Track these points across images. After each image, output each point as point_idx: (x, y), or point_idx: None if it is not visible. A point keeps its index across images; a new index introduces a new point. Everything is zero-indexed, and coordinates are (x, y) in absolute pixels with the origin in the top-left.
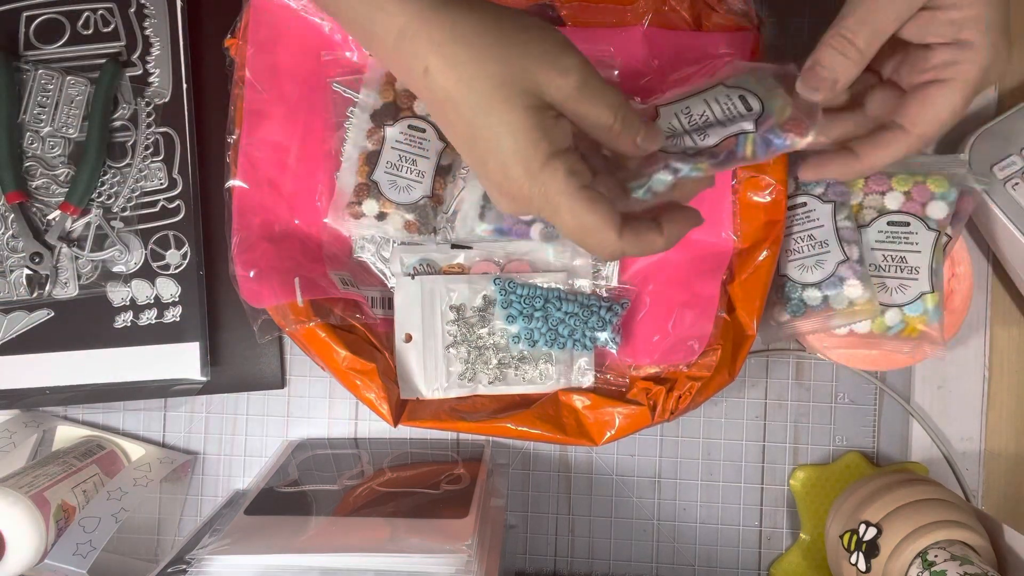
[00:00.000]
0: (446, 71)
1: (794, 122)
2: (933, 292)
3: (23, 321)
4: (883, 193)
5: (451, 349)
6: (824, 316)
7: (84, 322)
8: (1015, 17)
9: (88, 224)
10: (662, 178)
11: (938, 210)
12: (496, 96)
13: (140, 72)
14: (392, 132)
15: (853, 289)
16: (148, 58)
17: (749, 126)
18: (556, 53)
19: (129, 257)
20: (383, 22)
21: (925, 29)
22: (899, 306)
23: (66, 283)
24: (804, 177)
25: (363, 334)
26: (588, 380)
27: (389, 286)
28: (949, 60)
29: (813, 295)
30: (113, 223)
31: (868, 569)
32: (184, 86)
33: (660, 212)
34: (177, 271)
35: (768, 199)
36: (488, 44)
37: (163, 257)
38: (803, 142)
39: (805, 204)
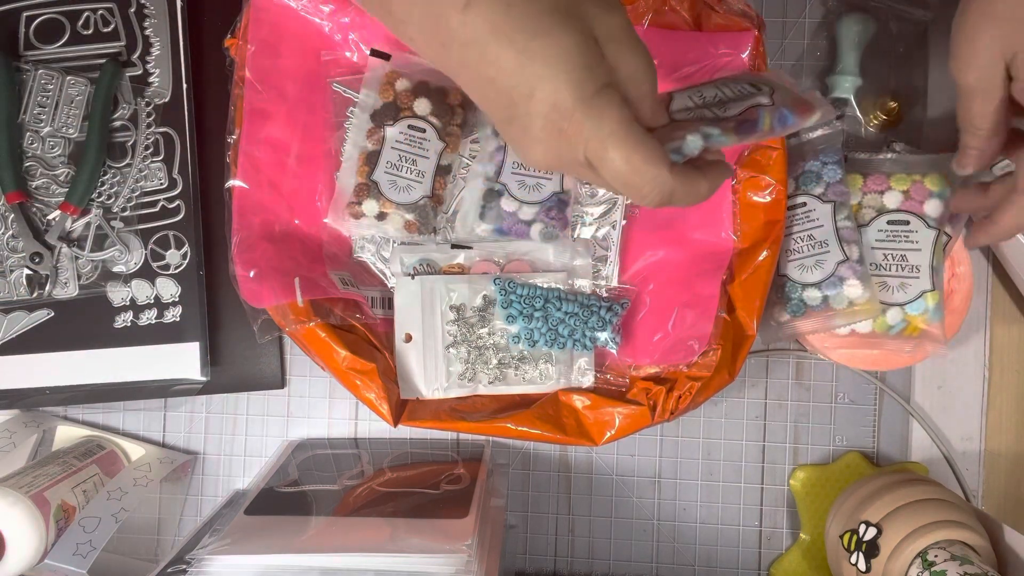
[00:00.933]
0: (492, 3)
1: (800, 104)
2: (934, 290)
3: (23, 321)
4: (882, 192)
5: (451, 349)
6: (824, 316)
7: (84, 322)
8: None
9: (88, 224)
10: (695, 141)
11: (936, 208)
12: (548, 20)
13: (140, 72)
14: (392, 132)
15: (853, 289)
16: (148, 58)
17: (766, 100)
18: None
19: (129, 257)
20: None
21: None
22: (900, 305)
23: (66, 283)
24: (968, 245)
25: (363, 334)
26: (588, 380)
27: (389, 286)
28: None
29: (813, 295)
30: (113, 223)
31: (868, 569)
32: (184, 86)
33: (696, 163)
34: (177, 271)
35: (768, 199)
36: None
37: (163, 257)
38: (811, 119)
39: (805, 204)
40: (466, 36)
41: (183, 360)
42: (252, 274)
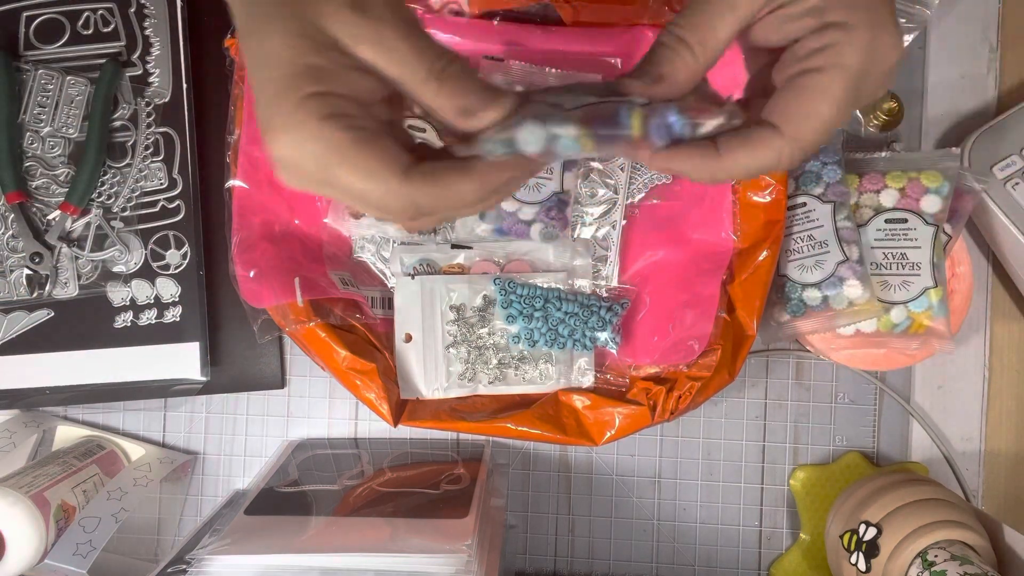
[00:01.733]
0: None
1: (697, 105)
2: (936, 287)
3: (23, 321)
4: (878, 191)
5: (451, 349)
6: (824, 316)
7: (84, 322)
8: (1013, 18)
9: (88, 224)
10: (529, 134)
11: (932, 204)
12: (271, 20)
13: (140, 72)
14: None
15: (853, 289)
16: (148, 58)
17: (641, 99)
18: None
19: (129, 257)
20: None
21: (782, 26)
22: (903, 303)
23: (66, 283)
24: (652, 167)
25: (363, 334)
26: (588, 380)
27: (389, 286)
28: (819, 46)
29: (813, 295)
30: (113, 223)
31: (868, 569)
32: (184, 86)
33: (463, 161)
34: (177, 271)
35: (768, 199)
36: None
37: (163, 257)
38: (710, 124)
39: (805, 204)
40: (236, 19)
41: (183, 360)
42: (252, 274)
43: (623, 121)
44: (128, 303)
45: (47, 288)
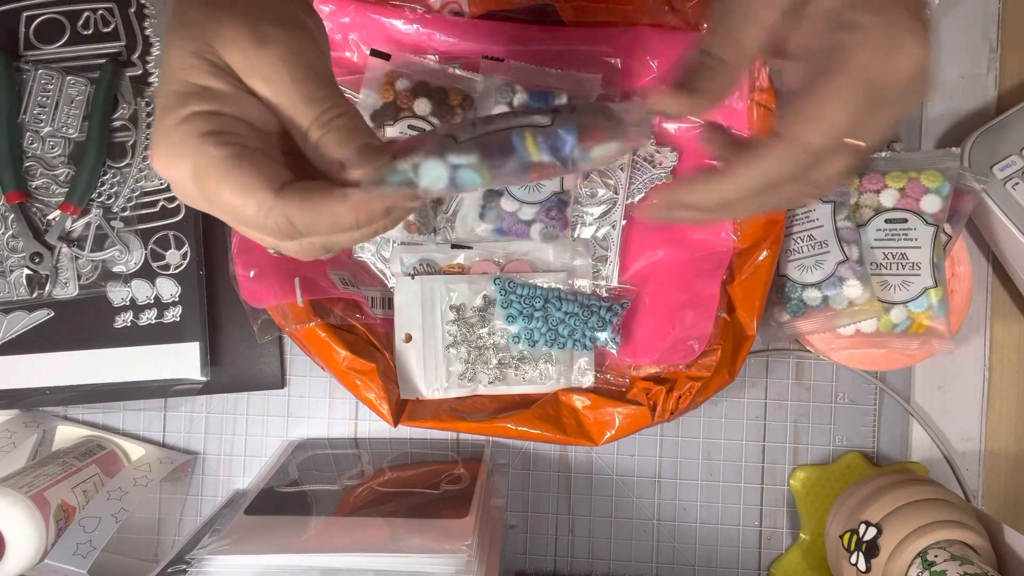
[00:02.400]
0: (170, 2)
1: (595, 130)
2: (936, 287)
3: (23, 321)
4: (878, 191)
5: (451, 349)
6: (824, 316)
7: (84, 322)
8: (1013, 18)
9: (88, 224)
10: (431, 168)
11: (932, 204)
12: (176, 36)
13: (140, 72)
14: (392, 132)
15: (853, 289)
16: (148, 58)
17: (544, 119)
18: (270, 19)
19: (129, 257)
20: None
21: (806, 31)
22: (903, 303)
23: (66, 283)
24: (644, 216)
25: (363, 334)
26: (588, 380)
27: (389, 286)
28: (834, 46)
29: (813, 295)
30: (113, 223)
31: (868, 569)
32: None
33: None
34: (177, 271)
35: None
36: None
37: (163, 257)
38: (598, 149)
39: (804, 204)
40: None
41: (183, 360)
42: (252, 274)
43: (517, 145)
44: (128, 303)
45: (47, 288)
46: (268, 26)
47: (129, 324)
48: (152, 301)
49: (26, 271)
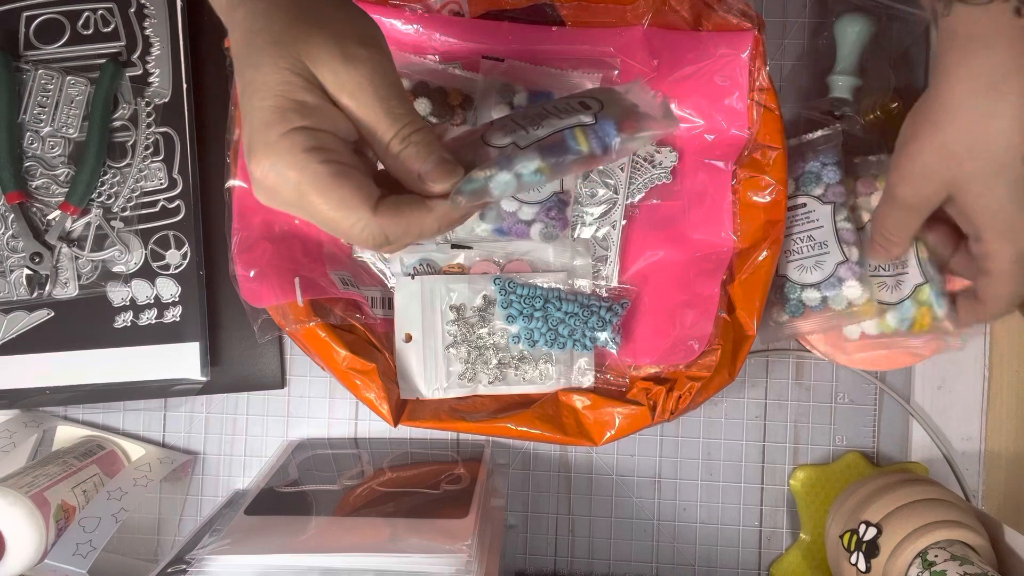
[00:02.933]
0: (244, 21)
1: (628, 120)
2: (926, 282)
3: (23, 321)
4: (870, 195)
5: (451, 349)
6: (823, 317)
7: (84, 322)
8: None
9: (88, 224)
10: (502, 178)
11: None
12: (266, 53)
13: (140, 72)
14: None
15: (852, 290)
16: (148, 58)
17: (588, 118)
18: (354, 40)
19: (129, 257)
20: None
21: (960, 221)
22: (898, 303)
23: (66, 283)
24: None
25: (363, 334)
26: (588, 380)
27: (389, 286)
28: (982, 253)
29: (812, 295)
30: (113, 223)
31: (868, 569)
32: (184, 86)
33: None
34: (177, 271)
35: (768, 199)
36: (288, 3)
37: (163, 257)
38: (636, 137)
39: (805, 205)
40: (233, 44)
41: (183, 360)
42: (252, 274)
43: (571, 144)
44: (128, 303)
45: (47, 288)
46: (354, 46)
47: (129, 324)
48: (152, 301)
49: (26, 271)
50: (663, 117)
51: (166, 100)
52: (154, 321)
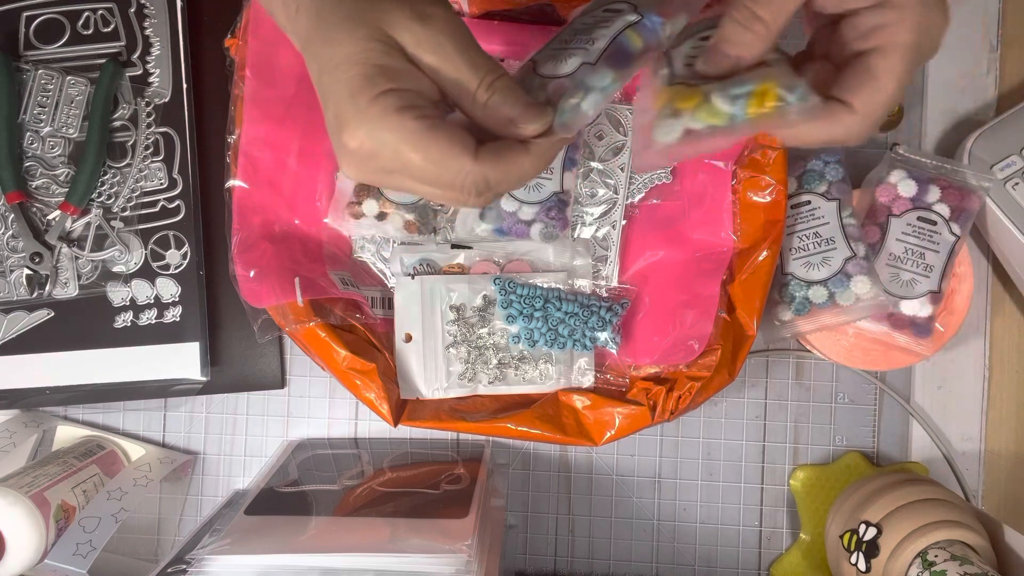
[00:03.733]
0: (312, 6)
1: (668, 5)
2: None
3: (23, 321)
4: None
5: (451, 349)
6: (830, 313)
7: (84, 322)
8: (1013, 18)
9: (88, 224)
10: (591, 99)
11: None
12: (342, 28)
13: (140, 72)
14: None
15: (861, 285)
16: (148, 58)
17: (633, 16)
18: (426, 0)
19: (129, 257)
20: None
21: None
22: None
23: (66, 283)
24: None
25: (363, 334)
26: (588, 380)
27: (389, 286)
28: (877, 24)
29: (819, 292)
30: (113, 223)
31: (868, 569)
32: (184, 86)
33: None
34: (177, 271)
35: (768, 199)
36: None
37: (163, 257)
38: (673, 24)
39: (809, 202)
40: (297, 42)
41: (183, 360)
42: (252, 274)
43: (628, 45)
44: (128, 303)
45: (47, 288)
46: (426, 5)
47: (129, 324)
48: (152, 301)
49: (26, 271)
50: None
51: (166, 100)
52: (154, 321)
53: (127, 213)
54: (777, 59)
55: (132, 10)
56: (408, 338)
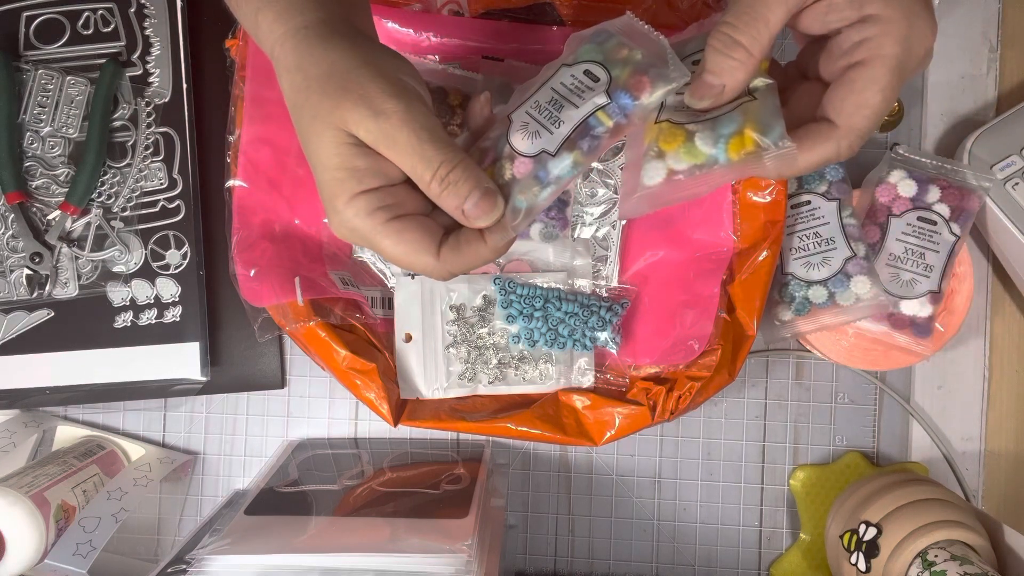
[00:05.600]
0: (290, 94)
1: (636, 79)
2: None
3: (23, 321)
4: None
5: (451, 349)
6: (830, 313)
7: (84, 322)
8: (1013, 18)
9: (88, 224)
10: (545, 193)
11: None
12: (311, 130)
13: (140, 72)
14: None
15: (861, 285)
16: (148, 58)
17: (602, 99)
18: (380, 95)
19: (129, 257)
20: (263, 36)
21: (825, 16)
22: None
23: (66, 283)
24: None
25: (363, 334)
26: (588, 380)
27: (389, 286)
28: (861, 39)
29: (819, 292)
30: (113, 223)
31: (868, 569)
32: (184, 86)
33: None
34: (177, 271)
35: (768, 199)
36: (318, 75)
37: (163, 257)
38: (652, 98)
39: (809, 202)
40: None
41: (183, 360)
42: (252, 273)
43: (596, 125)
44: (128, 303)
45: (47, 288)
46: (382, 101)
47: (129, 324)
48: (152, 301)
49: (26, 271)
50: (671, 64)
51: (166, 100)
52: (154, 321)
53: (127, 213)
54: (765, 89)
55: (132, 10)
56: (408, 338)
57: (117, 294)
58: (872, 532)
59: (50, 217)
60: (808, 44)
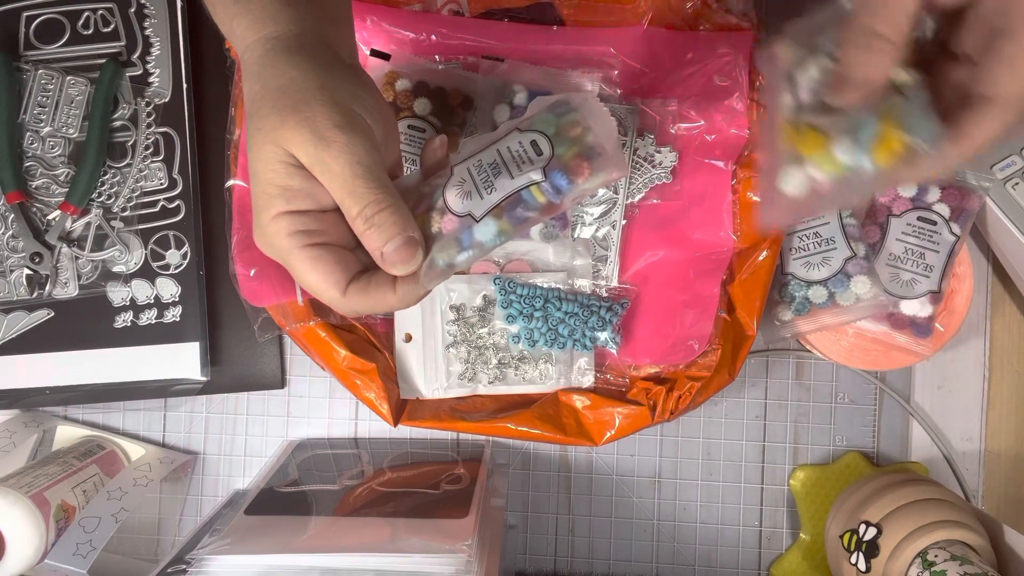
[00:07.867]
0: (247, 102)
1: (577, 162)
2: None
3: (23, 321)
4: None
5: (451, 349)
6: (830, 313)
7: (84, 322)
8: None
9: (88, 224)
10: (463, 256)
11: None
12: (255, 141)
13: (140, 72)
14: None
15: (860, 285)
16: (148, 58)
17: (538, 176)
18: (326, 122)
19: (129, 257)
20: (236, 42)
21: None
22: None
23: (66, 283)
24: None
25: (363, 334)
26: (588, 380)
27: None
28: (1001, 5)
29: (819, 292)
30: (113, 223)
31: (868, 569)
32: (184, 86)
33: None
34: (177, 271)
35: None
36: (274, 89)
37: (163, 257)
38: (587, 184)
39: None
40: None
41: (183, 360)
42: (252, 273)
43: (527, 199)
44: (128, 303)
45: (47, 288)
46: (328, 129)
47: (129, 324)
48: (152, 301)
49: (26, 271)
50: (613, 155)
51: (166, 100)
52: (154, 321)
53: (127, 213)
54: (911, 83)
55: (132, 10)
56: (408, 338)
57: (117, 294)
58: (872, 532)
59: (50, 217)
60: (944, 20)
